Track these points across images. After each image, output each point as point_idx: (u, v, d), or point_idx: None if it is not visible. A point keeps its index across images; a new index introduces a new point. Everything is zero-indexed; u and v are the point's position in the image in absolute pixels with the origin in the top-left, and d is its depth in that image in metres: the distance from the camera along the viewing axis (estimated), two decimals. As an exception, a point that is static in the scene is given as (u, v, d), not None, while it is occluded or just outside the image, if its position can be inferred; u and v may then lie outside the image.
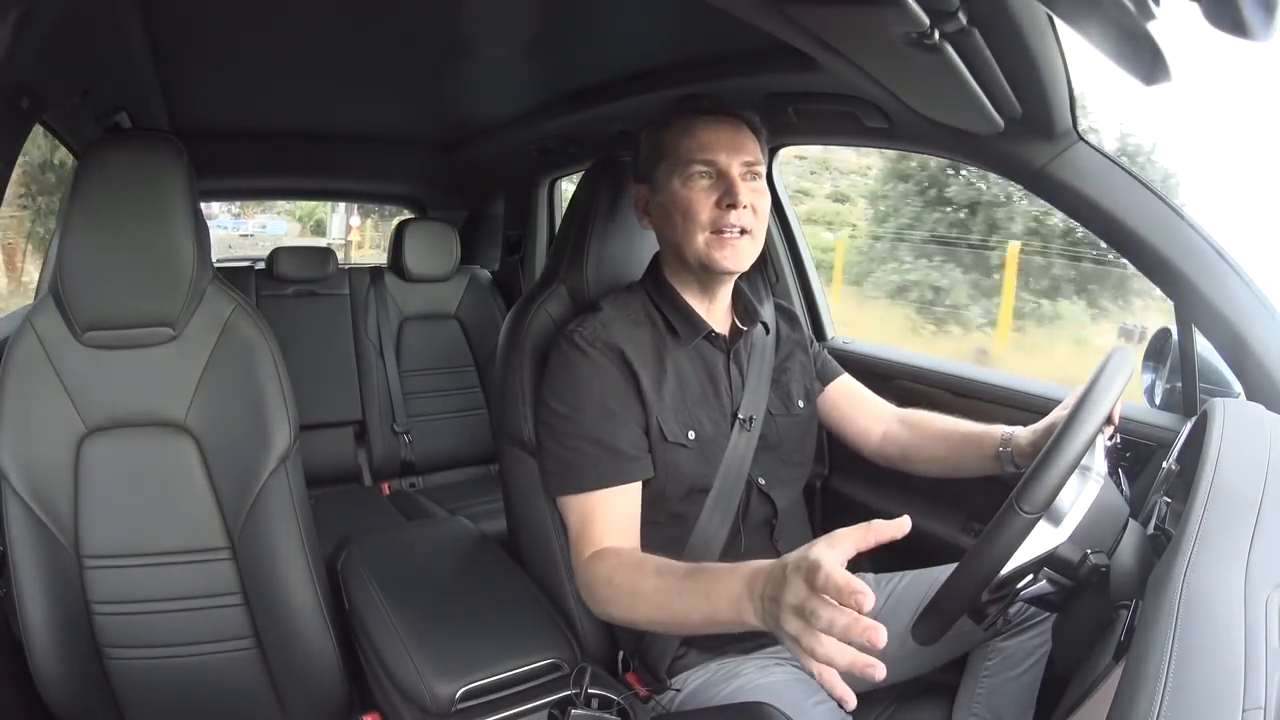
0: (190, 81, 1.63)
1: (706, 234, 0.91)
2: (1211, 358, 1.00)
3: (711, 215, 0.90)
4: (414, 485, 2.22)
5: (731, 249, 0.91)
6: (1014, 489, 0.70)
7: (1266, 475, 0.67)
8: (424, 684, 0.84)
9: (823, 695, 0.94)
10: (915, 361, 1.51)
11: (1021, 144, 0.97)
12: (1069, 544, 0.73)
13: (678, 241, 0.94)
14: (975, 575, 0.71)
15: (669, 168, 0.93)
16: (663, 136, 0.94)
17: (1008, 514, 0.70)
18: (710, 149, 0.91)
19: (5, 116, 1.09)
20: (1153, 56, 0.65)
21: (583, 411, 0.90)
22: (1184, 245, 0.93)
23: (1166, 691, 0.46)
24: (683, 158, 0.92)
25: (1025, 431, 0.96)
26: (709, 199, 0.90)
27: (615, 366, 0.91)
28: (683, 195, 0.91)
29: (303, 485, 1.06)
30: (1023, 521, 0.70)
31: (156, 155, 1.02)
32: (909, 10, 0.68)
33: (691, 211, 0.91)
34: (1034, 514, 0.69)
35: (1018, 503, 0.69)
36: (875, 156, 8.58)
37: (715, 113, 0.94)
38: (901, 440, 1.11)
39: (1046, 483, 0.69)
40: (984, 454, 0.99)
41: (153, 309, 1.02)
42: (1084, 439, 0.71)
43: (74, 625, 1.00)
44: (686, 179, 0.91)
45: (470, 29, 1.27)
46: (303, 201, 6.49)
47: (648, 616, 0.80)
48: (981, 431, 1.02)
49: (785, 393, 1.04)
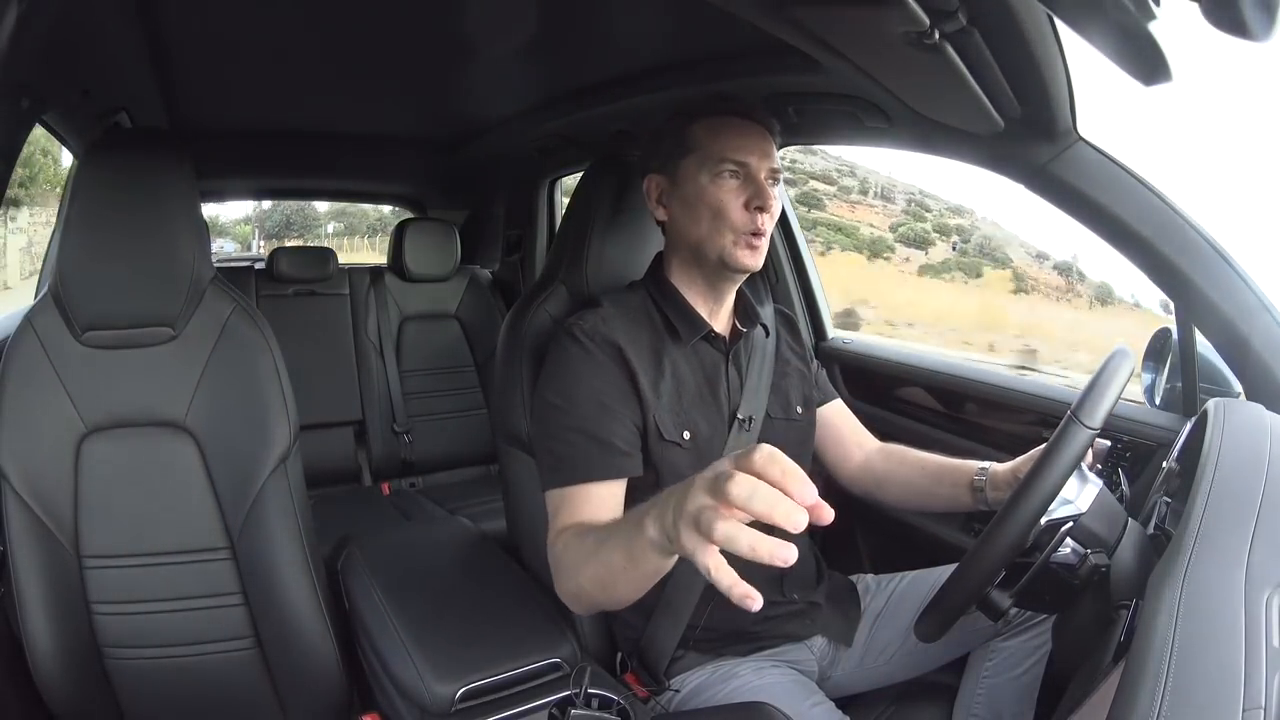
0: (190, 81, 1.63)
1: (732, 234, 0.91)
2: (1211, 358, 1.00)
3: (741, 217, 0.91)
4: (414, 485, 2.22)
5: (752, 250, 0.92)
6: (1073, 404, 0.75)
7: (1266, 475, 0.67)
8: (424, 684, 0.84)
9: (821, 696, 0.94)
10: (915, 361, 1.51)
11: (1021, 144, 0.97)
12: (1090, 515, 0.75)
13: (700, 237, 0.94)
14: (1025, 510, 0.73)
15: (696, 162, 0.93)
16: (691, 131, 0.94)
17: (1069, 426, 0.74)
18: (743, 151, 0.92)
19: (5, 116, 1.09)
20: (1153, 56, 0.65)
21: (576, 404, 0.89)
22: (1184, 245, 0.93)
23: (1166, 691, 0.46)
24: (714, 154, 0.92)
25: (1004, 465, 0.97)
26: (738, 199, 0.91)
27: (612, 362, 0.91)
28: (711, 191, 0.92)
29: (302, 485, 1.06)
30: (1084, 435, 0.74)
31: (156, 155, 1.02)
32: (909, 10, 0.68)
33: (721, 209, 0.91)
34: (1094, 427, 0.74)
35: (1078, 415, 0.74)
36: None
37: (745, 116, 0.94)
38: (878, 470, 1.12)
39: (1107, 397, 0.75)
40: (958, 483, 1.00)
41: (152, 309, 1.02)
42: (1123, 377, 0.77)
43: (74, 625, 1.00)
44: (716, 175, 0.92)
45: (471, 28, 1.27)
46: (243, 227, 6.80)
47: (591, 577, 0.76)
48: (958, 463, 1.02)
49: (784, 397, 1.04)
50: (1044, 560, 0.74)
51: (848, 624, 1.06)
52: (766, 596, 1.03)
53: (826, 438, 1.13)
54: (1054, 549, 0.74)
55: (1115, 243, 0.97)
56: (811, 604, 1.02)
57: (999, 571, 0.76)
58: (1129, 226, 0.94)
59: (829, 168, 7.48)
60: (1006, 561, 0.75)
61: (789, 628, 1.01)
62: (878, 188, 6.94)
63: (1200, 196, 0.99)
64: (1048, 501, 0.73)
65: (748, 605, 0.51)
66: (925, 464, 1.06)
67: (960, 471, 1.00)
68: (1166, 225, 0.94)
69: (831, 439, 1.14)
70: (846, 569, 1.14)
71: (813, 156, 5.63)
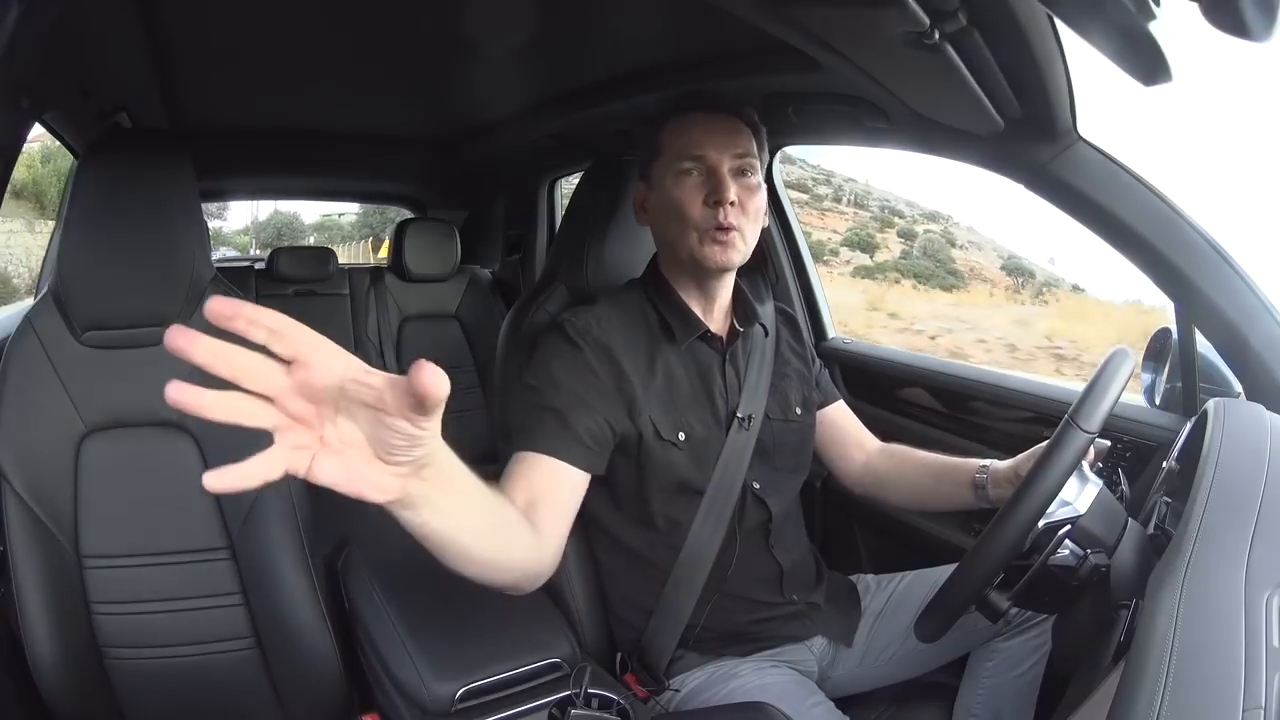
0: (190, 81, 1.63)
1: (697, 232, 0.90)
2: (1212, 357, 1.00)
3: (701, 214, 0.90)
4: (414, 485, 2.21)
5: (720, 246, 0.90)
6: (1070, 409, 0.75)
7: (1266, 475, 0.67)
8: (424, 684, 0.84)
9: (820, 696, 0.94)
10: (916, 361, 1.51)
11: (1021, 144, 0.97)
12: (1088, 517, 0.75)
13: (671, 239, 0.94)
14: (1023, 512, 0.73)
15: (663, 165, 0.93)
16: (659, 134, 0.94)
17: (1066, 430, 0.74)
18: (700, 145, 0.90)
19: (5, 116, 1.09)
20: (1153, 56, 0.65)
21: (554, 390, 0.88)
22: (1184, 245, 0.93)
23: (1166, 691, 0.46)
24: (674, 155, 0.92)
25: (1005, 462, 0.96)
26: (697, 197, 0.90)
27: (599, 364, 0.91)
28: (674, 193, 0.91)
29: (303, 485, 1.06)
30: (1081, 439, 0.73)
31: (156, 155, 1.02)
32: (909, 10, 0.68)
33: (682, 209, 0.91)
34: (1091, 431, 0.73)
35: (1075, 419, 0.74)
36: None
37: (711, 109, 0.93)
38: (880, 470, 1.11)
39: (1105, 400, 0.74)
40: (960, 481, 0.99)
41: (152, 308, 1.02)
42: (1122, 379, 0.76)
43: (74, 625, 1.00)
44: (677, 176, 0.91)
45: (471, 28, 1.27)
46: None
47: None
48: (959, 461, 1.02)
49: (783, 398, 1.03)
50: (1042, 563, 0.74)
51: (848, 624, 1.06)
52: (765, 598, 1.03)
53: (829, 439, 1.13)
54: (1052, 551, 0.74)
55: (1115, 243, 0.97)
56: (811, 605, 1.02)
57: (998, 573, 0.76)
58: (1129, 226, 0.94)
59: (805, 176, 7.59)
60: (1005, 563, 0.75)
61: (789, 628, 1.01)
62: (852, 195, 7.02)
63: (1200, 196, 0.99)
64: (1045, 504, 0.73)
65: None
66: (927, 463, 1.06)
67: (961, 470, 1.00)
68: (1166, 225, 0.94)
69: (833, 440, 1.14)
70: (846, 569, 1.14)
71: (790, 165, 5.70)
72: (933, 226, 7.01)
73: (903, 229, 6.97)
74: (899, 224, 7.15)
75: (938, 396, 1.42)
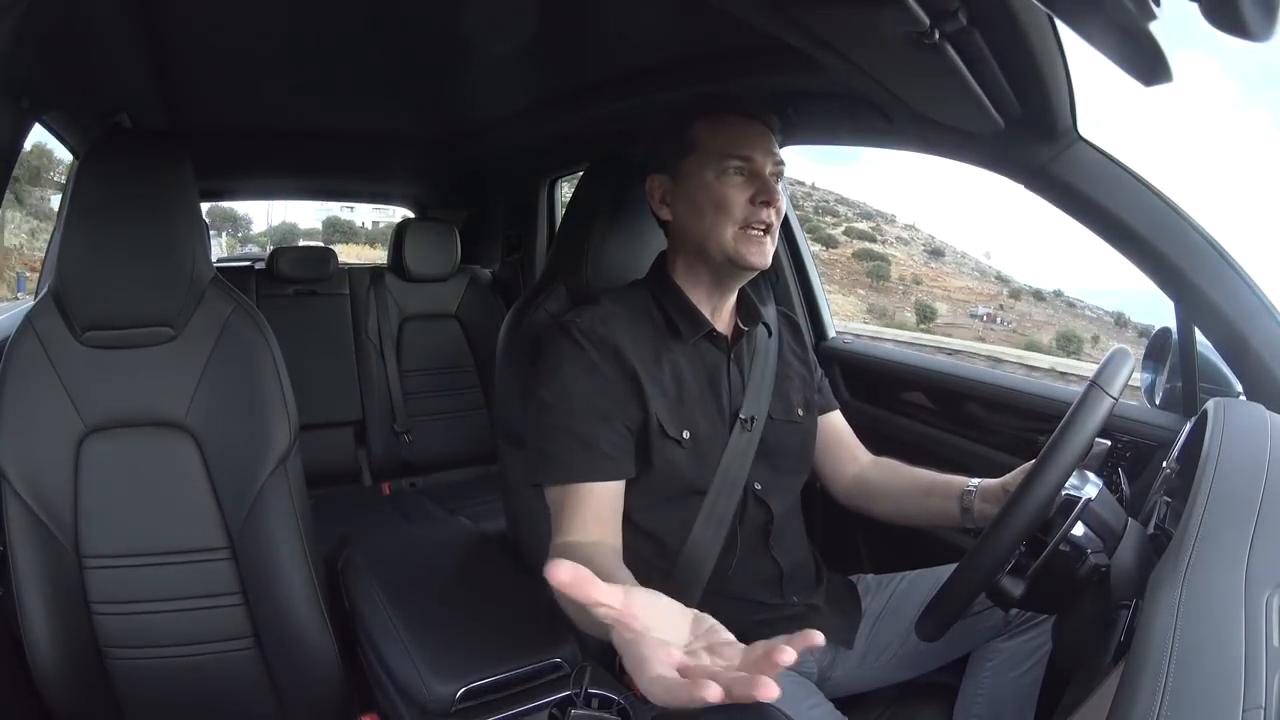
0: (190, 81, 1.63)
1: (736, 229, 0.91)
2: (1212, 357, 1.00)
3: (745, 211, 0.91)
4: (414, 485, 2.22)
5: (759, 245, 0.92)
6: (1094, 375, 0.77)
7: (1266, 475, 0.67)
8: (424, 684, 0.84)
9: (820, 697, 0.94)
10: (916, 362, 1.51)
11: (1021, 144, 0.97)
12: (1100, 499, 0.76)
13: (703, 234, 0.93)
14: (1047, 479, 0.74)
15: (700, 160, 0.93)
16: (693, 130, 0.94)
17: (1090, 392, 0.76)
18: (747, 147, 0.92)
19: (5, 116, 1.09)
20: (1153, 57, 0.65)
21: (569, 404, 0.89)
22: (1184, 245, 0.93)
23: (1166, 691, 0.46)
24: (718, 152, 0.92)
25: (994, 480, 0.96)
26: (743, 195, 0.91)
27: (607, 364, 0.91)
28: (716, 188, 0.92)
29: (302, 485, 1.06)
30: (1106, 403, 0.75)
31: (156, 155, 1.02)
32: (909, 9, 0.68)
33: (725, 205, 0.91)
34: (1115, 396, 0.75)
35: (1099, 382, 0.76)
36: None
37: (747, 114, 0.95)
38: (871, 482, 1.11)
39: (1126, 367, 0.77)
40: (948, 495, 0.99)
41: (152, 309, 1.02)
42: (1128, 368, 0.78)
43: (74, 625, 1.00)
44: (721, 173, 0.92)
45: (471, 28, 1.27)
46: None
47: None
48: (948, 478, 1.02)
49: (786, 399, 1.03)
50: (1062, 536, 0.74)
51: (848, 625, 1.05)
52: (766, 599, 1.03)
53: (823, 449, 1.13)
54: (1071, 524, 0.74)
55: (1115, 243, 0.97)
56: (811, 606, 1.02)
57: (1014, 551, 0.76)
58: (1129, 226, 0.94)
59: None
60: (1025, 537, 0.75)
61: (789, 630, 1.00)
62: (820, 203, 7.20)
63: (1200, 196, 0.99)
64: (1069, 469, 0.74)
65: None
66: (918, 478, 1.06)
67: (950, 486, 1.00)
68: (1166, 225, 0.94)
69: (828, 450, 1.13)
70: (846, 569, 1.14)
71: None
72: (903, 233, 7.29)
73: (814, 227, 7.23)
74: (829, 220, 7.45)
75: (937, 397, 1.42)
